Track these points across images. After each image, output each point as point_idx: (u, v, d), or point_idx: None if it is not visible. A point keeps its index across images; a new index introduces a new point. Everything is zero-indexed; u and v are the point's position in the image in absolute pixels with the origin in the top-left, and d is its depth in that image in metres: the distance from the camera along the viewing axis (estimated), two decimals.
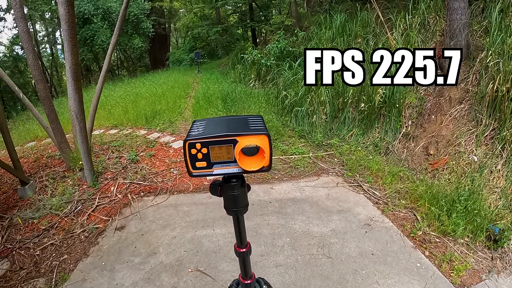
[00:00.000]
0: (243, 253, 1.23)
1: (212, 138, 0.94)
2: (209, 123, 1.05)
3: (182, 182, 4.93)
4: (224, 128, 1.00)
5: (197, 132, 0.98)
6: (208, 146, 0.95)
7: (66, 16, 3.80)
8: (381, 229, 3.75)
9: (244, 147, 0.97)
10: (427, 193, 4.06)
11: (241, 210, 1.13)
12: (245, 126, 1.00)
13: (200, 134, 0.96)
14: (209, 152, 0.96)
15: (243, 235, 1.20)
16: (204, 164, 0.97)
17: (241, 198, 1.10)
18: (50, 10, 18.60)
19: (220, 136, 0.94)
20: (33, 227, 3.94)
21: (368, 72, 5.95)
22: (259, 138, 0.95)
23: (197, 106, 8.76)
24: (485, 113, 4.44)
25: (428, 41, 5.98)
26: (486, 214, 3.54)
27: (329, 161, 5.49)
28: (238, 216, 1.16)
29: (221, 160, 0.98)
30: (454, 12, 5.06)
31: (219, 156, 0.97)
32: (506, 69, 4.17)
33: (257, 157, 1.00)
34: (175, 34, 33.10)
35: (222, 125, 1.05)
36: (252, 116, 1.08)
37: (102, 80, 5.21)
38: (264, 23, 16.24)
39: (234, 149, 0.96)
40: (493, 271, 3.14)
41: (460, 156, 4.42)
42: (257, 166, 1.00)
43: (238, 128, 0.97)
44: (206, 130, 0.99)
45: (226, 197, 1.10)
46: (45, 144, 6.30)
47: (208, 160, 0.97)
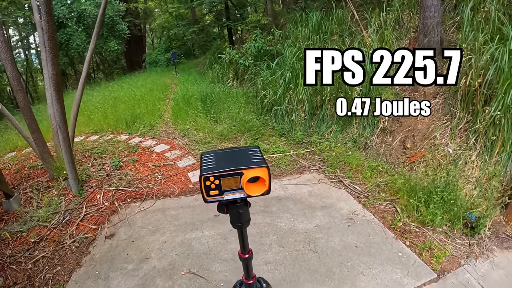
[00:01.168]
0: (247, 258, 1.42)
1: (223, 172, 1.12)
2: (217, 157, 1.23)
3: (167, 186, 4.96)
4: (231, 162, 1.18)
5: (209, 167, 1.15)
6: (220, 178, 1.13)
7: (46, 27, 3.75)
8: (363, 222, 3.89)
9: (249, 178, 1.15)
10: (406, 185, 4.22)
11: (244, 224, 1.32)
12: (248, 160, 1.19)
13: (213, 169, 1.14)
14: (220, 183, 1.14)
15: (246, 244, 1.38)
16: (216, 192, 1.16)
17: (244, 215, 1.29)
18: (23, 15, 18.18)
19: (229, 170, 1.12)
20: (22, 241, 3.90)
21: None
22: (261, 170, 1.14)
23: (176, 108, 8.77)
24: (458, 107, 4.61)
25: (403, 38, 6.15)
26: (462, 203, 3.72)
27: (310, 158, 5.61)
28: (242, 229, 1.34)
29: (230, 188, 1.16)
30: (428, 9, 5.22)
31: (228, 185, 1.15)
32: (478, 64, 4.34)
33: (259, 183, 1.19)
34: (150, 34, 32.72)
35: (229, 160, 1.22)
36: (251, 148, 1.26)
37: (82, 87, 5.15)
38: (240, 22, 16.27)
39: (241, 180, 1.14)
40: (471, 256, 3.31)
41: (436, 149, 4.59)
42: (259, 191, 1.20)
43: (243, 162, 1.16)
44: (216, 165, 1.17)
45: (232, 215, 1.29)
46: (25, 154, 6.23)
47: (220, 189, 1.15)
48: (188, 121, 7.67)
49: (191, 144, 6.46)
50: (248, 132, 6.66)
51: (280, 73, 7.35)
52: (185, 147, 6.37)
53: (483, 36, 4.55)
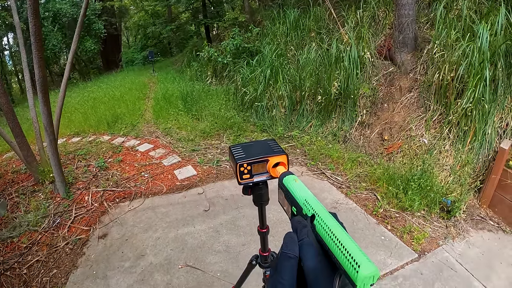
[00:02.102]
0: (264, 232, 1.58)
1: (254, 159, 1.32)
2: (245, 148, 1.41)
3: (154, 185, 5.00)
4: (258, 152, 1.36)
5: (242, 156, 1.34)
6: (251, 165, 1.33)
7: (33, 29, 3.75)
8: (346, 210, 4.09)
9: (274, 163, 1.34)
10: (385, 175, 4.46)
11: (265, 203, 1.47)
12: (271, 149, 1.37)
13: (245, 157, 1.33)
14: (251, 168, 1.33)
15: (264, 220, 1.54)
16: (248, 176, 1.34)
17: (265, 195, 1.45)
18: None
19: (259, 158, 1.32)
20: (13, 246, 3.83)
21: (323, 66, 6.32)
22: (282, 157, 1.32)
23: (157, 107, 8.79)
24: (432, 100, 4.87)
25: (379, 34, 6.39)
26: (438, 189, 3.98)
27: (292, 152, 5.77)
28: (262, 207, 1.50)
29: (258, 172, 1.35)
30: (403, 7, 5.45)
31: (257, 170, 1.34)
32: (451, 60, 4.60)
33: (280, 167, 1.34)
34: (125, 32, 32.33)
35: (255, 150, 1.39)
36: (269, 140, 1.42)
37: (64, 88, 5.02)
38: (217, 19, 16.31)
39: (267, 165, 1.34)
40: (448, 237, 3.57)
41: (412, 140, 4.84)
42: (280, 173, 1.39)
43: (268, 151, 1.35)
44: (247, 154, 1.36)
45: (255, 195, 1.44)
46: (7, 159, 6.12)
47: (251, 173, 1.34)
48: (170, 119, 7.72)
49: (174, 143, 6.52)
50: (230, 128, 6.76)
51: (260, 70, 7.48)
52: (169, 145, 6.42)
53: (455, 34, 4.81)
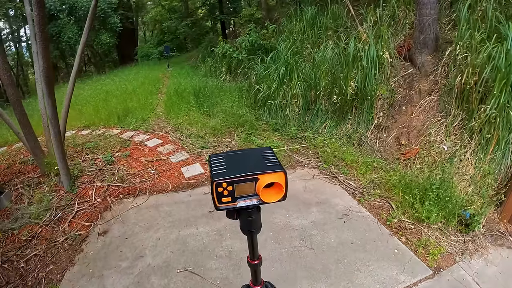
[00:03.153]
0: (255, 264, 1.35)
1: (237, 177, 1.03)
2: (228, 160, 1.13)
3: (160, 182, 4.88)
4: (245, 167, 1.09)
5: (221, 172, 1.06)
6: (233, 185, 1.04)
7: (37, 18, 3.64)
8: (358, 219, 3.88)
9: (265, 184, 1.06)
10: (401, 182, 4.22)
11: (255, 231, 1.25)
12: (263, 164, 1.10)
13: (225, 174, 1.05)
14: (234, 189, 1.05)
15: (255, 250, 1.31)
16: (229, 199, 1.07)
17: (256, 222, 1.21)
18: (14, 7, 17.88)
19: (243, 175, 1.03)
20: (13, 239, 3.79)
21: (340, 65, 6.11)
22: (277, 175, 1.04)
23: (169, 102, 8.67)
24: (453, 104, 4.62)
25: (398, 34, 6.15)
26: (457, 201, 3.74)
27: (304, 154, 5.58)
28: (253, 236, 1.27)
29: (244, 194, 1.07)
30: (424, 6, 5.21)
31: (242, 192, 1.06)
32: (474, 62, 4.34)
33: (274, 189, 1.09)
34: (142, 27, 32.39)
35: (241, 163, 1.13)
36: (264, 150, 1.17)
37: (73, 81, 4.99)
38: (233, 15, 16.18)
39: (256, 185, 1.06)
40: (465, 253, 3.33)
41: (431, 146, 4.60)
42: (275, 198, 1.11)
43: (258, 167, 1.07)
44: (229, 169, 1.08)
45: (243, 221, 1.20)
46: (16, 150, 6.08)
47: (233, 195, 1.06)
48: (180, 115, 7.58)
49: (184, 139, 6.38)
50: (241, 126, 6.60)
51: (274, 67, 7.30)
52: (178, 141, 6.29)
53: (480, 35, 4.55)
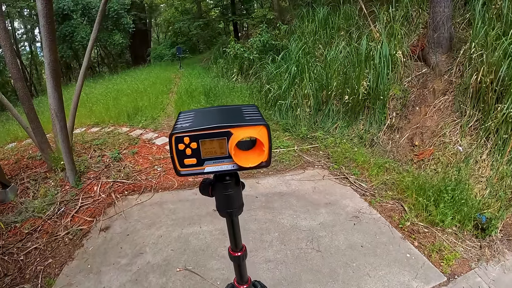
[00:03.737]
0: (238, 257, 1.12)
1: (203, 130, 0.81)
2: (198, 114, 0.91)
3: (166, 180, 4.82)
4: (216, 119, 0.87)
5: (184, 125, 0.85)
6: (198, 140, 0.82)
7: (43, 11, 3.62)
8: (369, 221, 3.73)
9: (240, 140, 0.83)
10: (414, 184, 4.06)
11: (235, 211, 1.01)
12: (240, 116, 0.87)
13: (189, 127, 0.82)
14: (199, 147, 0.83)
15: (238, 238, 1.09)
16: (193, 161, 0.84)
17: (235, 198, 0.98)
18: (28, 6, 18.13)
19: (211, 128, 0.81)
20: (16, 231, 3.79)
21: (352, 64, 5.98)
22: (257, 129, 0.82)
23: (179, 101, 8.63)
24: (469, 104, 4.46)
25: (411, 34, 6.00)
26: (473, 204, 3.56)
27: (315, 154, 5.45)
28: (232, 218, 1.04)
29: (213, 155, 0.85)
30: (438, 4, 5.07)
31: (211, 152, 0.84)
32: (490, 60, 4.18)
33: (254, 151, 0.88)
34: (156, 29, 32.66)
35: (213, 116, 0.91)
36: (247, 106, 0.94)
37: (82, 77, 5.02)
38: (246, 16, 16.13)
39: (228, 143, 0.83)
40: (482, 259, 3.15)
41: (446, 147, 4.44)
42: (255, 162, 0.87)
43: (232, 119, 0.85)
44: (195, 122, 0.86)
45: (218, 197, 0.98)
46: (25, 145, 6.09)
47: (199, 156, 0.84)
48: None
49: None
50: None
51: (285, 67, 7.19)
52: None
53: (495, 32, 4.39)
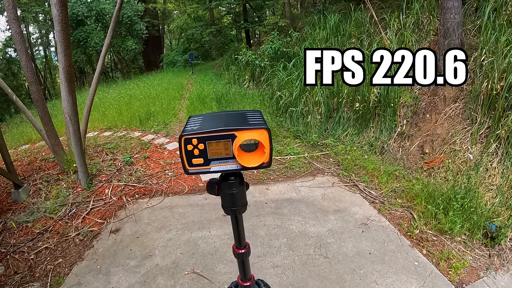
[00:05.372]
0: (242, 254, 1.22)
1: (209, 133, 0.90)
2: (206, 118, 1.01)
3: (177, 184, 4.89)
4: (221, 122, 0.96)
5: (193, 127, 0.94)
6: (205, 142, 0.91)
7: (59, 17, 3.74)
8: (378, 228, 3.73)
9: (243, 142, 0.93)
10: (423, 191, 4.05)
11: (239, 209, 1.10)
12: (244, 121, 0.97)
13: (197, 129, 0.92)
14: (206, 148, 0.92)
15: (242, 236, 1.16)
16: (201, 161, 0.94)
17: (239, 197, 1.06)
18: (43, 11, 18.51)
19: (217, 131, 0.90)
20: (27, 231, 3.88)
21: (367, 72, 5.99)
22: (259, 132, 0.91)
23: (191, 107, 8.73)
24: (479, 111, 4.44)
25: (422, 41, 5.99)
26: (482, 212, 3.54)
27: (325, 161, 5.47)
28: (237, 216, 1.13)
29: (219, 156, 0.94)
30: (448, 11, 5.06)
31: (216, 152, 0.93)
32: (501, 67, 4.17)
33: (256, 152, 0.97)
34: (169, 35, 32.99)
35: (219, 120, 1.01)
36: (251, 111, 1.04)
37: (96, 81, 5.15)
38: (258, 24, 16.25)
39: (233, 145, 0.92)
40: (491, 268, 3.13)
41: (456, 155, 4.42)
42: (256, 162, 0.97)
43: (236, 123, 0.94)
44: (202, 125, 0.95)
45: (224, 196, 1.06)
46: (39, 147, 6.25)
47: (205, 156, 0.93)
48: None
49: None
50: None
51: (296, 74, 7.23)
52: None
53: (506, 38, 4.38)
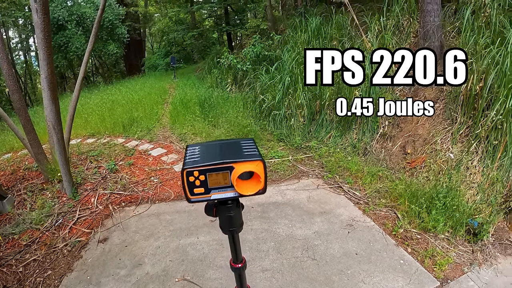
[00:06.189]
0: (239, 268, 1.31)
1: (209, 166, 0.96)
2: (204, 149, 1.06)
3: (163, 191, 4.86)
4: (219, 155, 1.02)
5: (193, 160, 0.99)
6: (205, 174, 0.97)
7: (41, 25, 3.68)
8: (363, 229, 3.79)
9: (240, 174, 0.98)
10: (407, 191, 4.13)
11: (236, 229, 1.17)
12: (240, 152, 1.02)
13: (197, 162, 0.97)
14: (206, 179, 0.98)
15: (238, 252, 1.25)
16: (201, 190, 0.99)
17: (236, 218, 1.13)
18: (23, 16, 18.14)
19: (217, 164, 0.95)
20: (14, 243, 3.82)
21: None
22: (254, 164, 0.96)
23: (174, 112, 8.68)
24: (459, 111, 4.55)
25: (403, 43, 6.10)
26: (464, 209, 3.63)
27: (309, 164, 5.51)
28: (234, 235, 1.20)
29: (218, 185, 0.99)
30: (428, 14, 5.18)
31: (216, 182, 0.99)
32: (479, 68, 4.28)
33: (252, 180, 1.02)
34: (150, 39, 32.72)
35: (217, 152, 1.06)
36: (245, 140, 1.10)
37: (79, 88, 5.07)
38: (239, 27, 16.26)
39: (231, 175, 0.98)
40: (474, 263, 3.22)
41: (437, 154, 4.52)
42: (253, 190, 1.03)
43: (234, 155, 0.99)
44: (202, 157, 1.01)
45: (222, 218, 1.13)
46: (21, 156, 6.13)
47: (206, 186, 0.99)
48: (185, 125, 7.59)
49: None
50: (246, 137, 6.54)
51: (279, 77, 7.28)
52: (182, 151, 6.27)
53: (484, 40, 4.50)
